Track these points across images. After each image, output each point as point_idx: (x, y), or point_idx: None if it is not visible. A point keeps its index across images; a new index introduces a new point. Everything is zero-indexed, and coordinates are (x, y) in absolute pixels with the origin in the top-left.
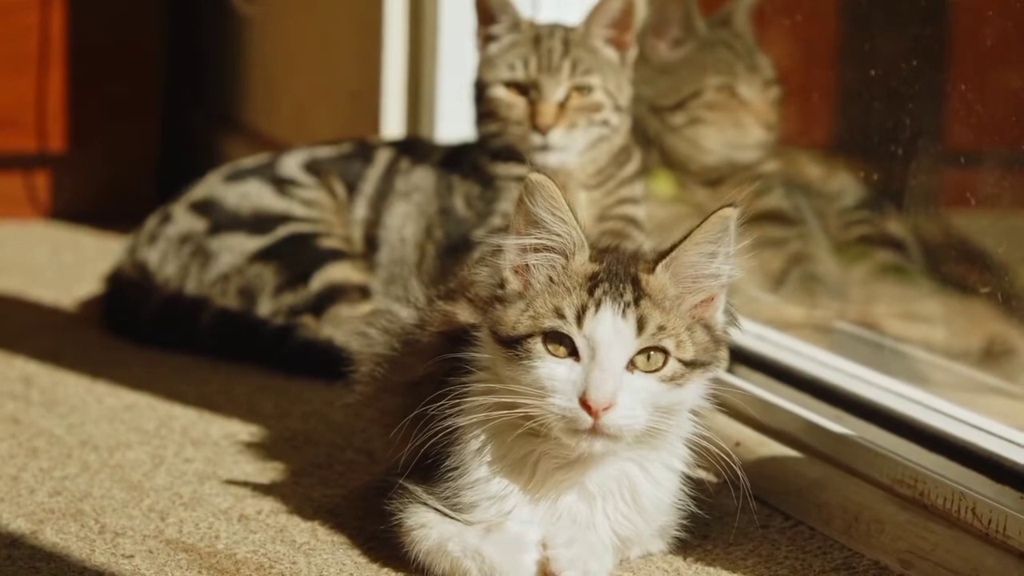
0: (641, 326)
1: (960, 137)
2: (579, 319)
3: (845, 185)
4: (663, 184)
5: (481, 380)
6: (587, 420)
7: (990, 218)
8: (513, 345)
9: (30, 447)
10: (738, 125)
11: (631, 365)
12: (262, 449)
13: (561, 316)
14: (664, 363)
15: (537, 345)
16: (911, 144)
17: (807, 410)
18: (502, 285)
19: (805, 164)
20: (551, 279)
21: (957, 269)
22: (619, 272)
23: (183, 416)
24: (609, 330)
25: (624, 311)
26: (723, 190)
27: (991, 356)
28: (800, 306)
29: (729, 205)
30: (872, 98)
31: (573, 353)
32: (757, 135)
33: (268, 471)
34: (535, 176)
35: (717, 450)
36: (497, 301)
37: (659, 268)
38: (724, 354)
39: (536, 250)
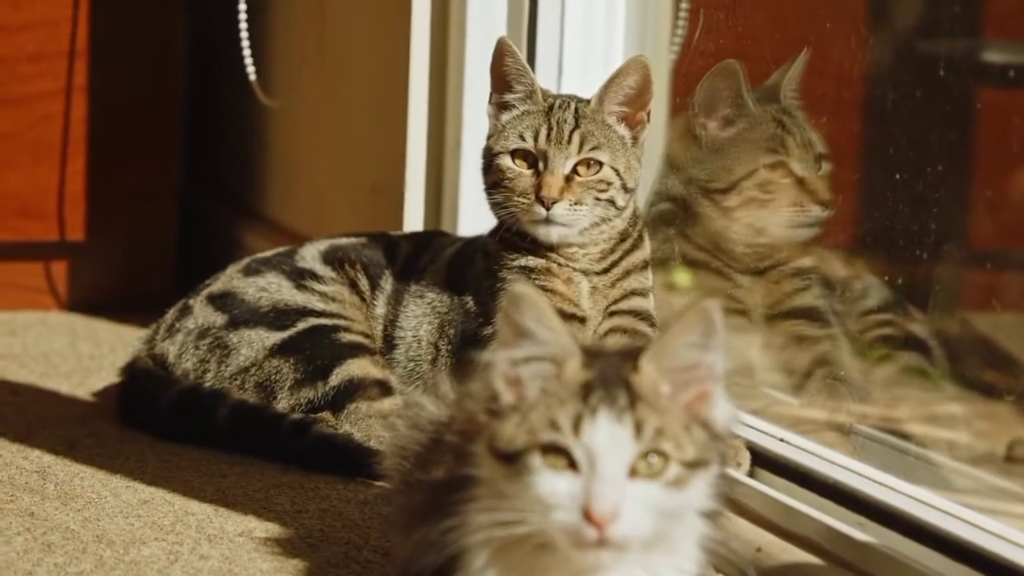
0: (639, 429)
1: (986, 241)
2: (576, 428)
3: (868, 285)
4: (683, 277)
5: (483, 496)
6: (592, 534)
7: (1015, 322)
8: (511, 461)
9: (45, 542)
10: (794, 203)
11: (632, 472)
12: (278, 547)
13: (557, 428)
14: (665, 467)
15: (536, 460)
16: (936, 248)
17: (829, 516)
18: (495, 399)
19: (828, 264)
20: (544, 390)
21: (981, 372)
22: (611, 377)
23: (199, 511)
24: (607, 437)
25: (620, 416)
26: (764, 281)
27: (1014, 461)
28: (822, 408)
29: (709, 298)
30: (897, 202)
31: (573, 465)
32: (814, 212)
33: (284, 570)
34: (519, 288)
35: (733, 553)
36: (491, 416)
37: (643, 363)
38: (728, 451)
39: (526, 361)
